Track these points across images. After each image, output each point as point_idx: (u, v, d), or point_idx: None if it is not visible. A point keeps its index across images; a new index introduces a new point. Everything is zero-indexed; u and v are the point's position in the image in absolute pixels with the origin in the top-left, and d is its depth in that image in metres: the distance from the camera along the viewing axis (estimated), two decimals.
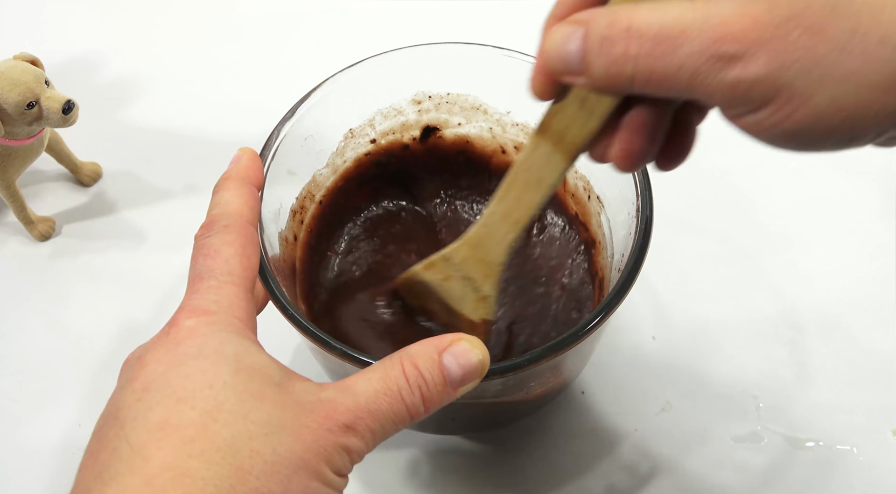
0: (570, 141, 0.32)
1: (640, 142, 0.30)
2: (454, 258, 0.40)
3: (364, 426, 0.30)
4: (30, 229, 0.62)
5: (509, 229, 0.37)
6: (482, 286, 0.40)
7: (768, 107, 0.25)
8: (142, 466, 0.27)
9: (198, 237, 0.35)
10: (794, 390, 0.52)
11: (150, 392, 0.29)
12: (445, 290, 0.41)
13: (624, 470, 0.49)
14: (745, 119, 0.26)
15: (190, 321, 0.31)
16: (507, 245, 0.38)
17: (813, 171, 0.63)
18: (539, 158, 0.34)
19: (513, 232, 0.37)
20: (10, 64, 0.55)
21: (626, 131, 0.30)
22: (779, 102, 0.25)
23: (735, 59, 0.25)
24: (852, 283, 0.57)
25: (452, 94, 0.51)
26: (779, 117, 0.25)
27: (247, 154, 0.39)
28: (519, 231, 0.37)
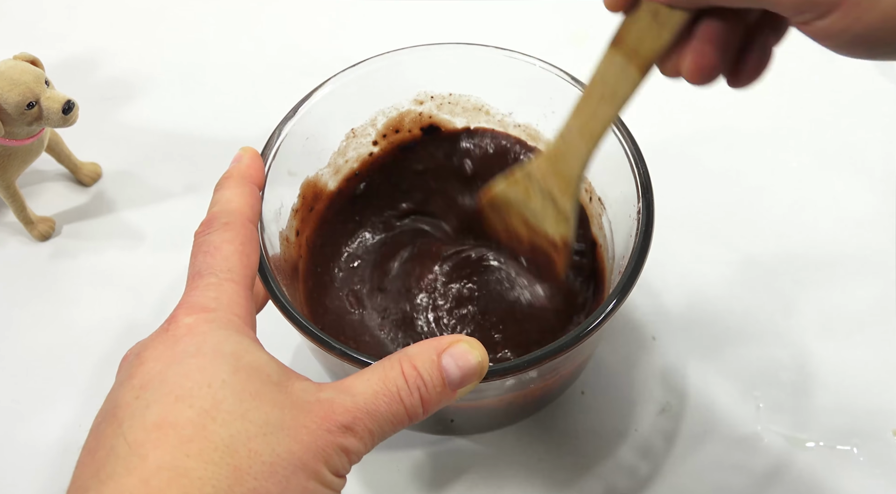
0: (643, 54, 0.33)
1: (713, 54, 0.31)
2: (535, 173, 0.41)
3: (363, 426, 0.30)
4: (30, 229, 0.61)
5: (585, 143, 0.38)
6: (561, 202, 0.40)
7: (836, 12, 0.26)
8: (139, 465, 0.27)
9: (197, 235, 0.35)
10: (794, 390, 0.52)
11: (147, 390, 0.29)
12: (528, 207, 0.42)
13: (624, 471, 0.49)
14: (815, 25, 0.27)
15: (189, 318, 0.31)
16: (584, 159, 0.38)
17: (814, 171, 0.63)
18: (613, 71, 0.35)
19: (588, 145, 0.38)
20: (10, 64, 0.55)
21: (698, 43, 0.31)
22: (847, 6, 0.26)
23: None
24: (853, 283, 0.57)
25: (455, 94, 0.51)
26: (848, 21, 0.26)
27: (248, 153, 0.39)
28: (594, 144, 0.37)
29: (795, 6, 0.26)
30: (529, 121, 0.51)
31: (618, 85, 0.35)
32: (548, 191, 0.40)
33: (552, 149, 0.40)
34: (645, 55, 0.33)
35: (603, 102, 0.36)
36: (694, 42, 0.31)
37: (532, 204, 0.41)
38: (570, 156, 0.39)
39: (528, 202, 0.41)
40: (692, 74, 0.31)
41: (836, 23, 0.26)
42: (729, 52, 0.31)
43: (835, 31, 0.26)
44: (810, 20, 0.27)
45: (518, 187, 0.42)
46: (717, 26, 0.30)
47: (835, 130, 0.66)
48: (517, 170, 0.42)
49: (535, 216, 0.41)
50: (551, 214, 0.41)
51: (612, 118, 0.36)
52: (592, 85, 0.36)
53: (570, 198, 0.40)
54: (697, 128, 0.66)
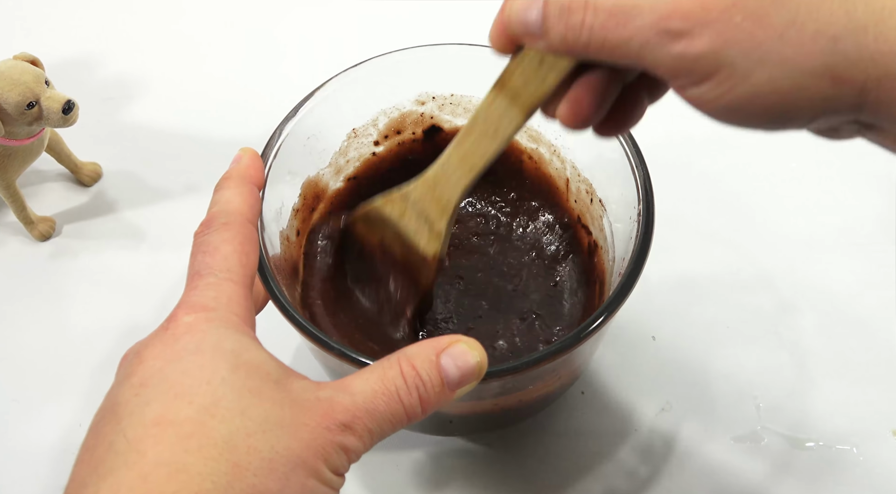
0: (527, 97, 0.34)
1: (590, 103, 0.32)
2: (411, 195, 0.42)
3: (362, 425, 0.30)
4: (30, 229, 0.61)
5: (464, 174, 0.39)
6: (436, 223, 0.42)
7: (710, 81, 0.27)
8: (138, 461, 0.27)
9: (197, 235, 0.35)
10: (794, 390, 0.52)
11: (147, 387, 0.29)
12: (402, 225, 0.43)
13: (624, 471, 0.49)
14: (689, 92, 0.28)
15: (188, 317, 0.31)
16: (462, 188, 0.40)
17: (814, 173, 0.63)
18: (497, 110, 0.36)
19: (467, 177, 0.39)
20: (10, 64, 0.55)
21: (577, 92, 0.32)
22: (720, 78, 0.27)
23: (681, 35, 0.27)
24: (852, 284, 0.57)
25: (456, 95, 0.51)
26: (719, 92, 0.27)
27: (248, 154, 0.40)
28: (473, 177, 0.39)
29: (672, 71, 0.28)
30: (531, 122, 0.51)
31: (500, 124, 0.36)
32: (424, 213, 0.42)
33: (431, 175, 0.41)
34: (529, 98, 0.34)
35: (485, 137, 0.37)
36: (572, 91, 0.32)
37: (405, 222, 0.43)
38: (448, 184, 0.40)
39: (402, 220, 0.43)
40: (568, 119, 0.33)
41: (709, 92, 0.28)
42: (605, 103, 0.32)
43: (707, 99, 0.28)
44: (685, 86, 0.28)
45: (393, 206, 0.43)
46: (597, 78, 0.32)
47: None
48: (394, 192, 0.43)
49: (407, 233, 0.43)
50: (425, 233, 0.42)
51: (493, 154, 0.37)
52: (474, 121, 0.37)
53: (446, 221, 0.41)
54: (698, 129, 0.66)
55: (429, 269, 0.43)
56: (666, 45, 0.27)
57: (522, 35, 0.32)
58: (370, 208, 0.44)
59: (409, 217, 0.43)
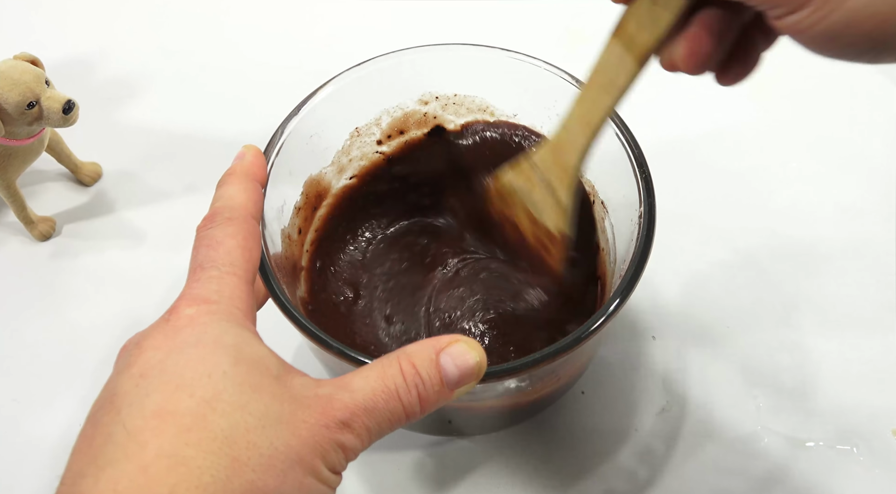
0: (641, 43, 0.34)
1: (708, 42, 0.32)
2: (538, 163, 0.41)
3: (360, 423, 0.30)
4: (30, 229, 0.61)
5: (582, 132, 0.38)
6: (559, 192, 0.41)
7: (807, 7, 0.27)
8: (138, 452, 0.27)
9: (200, 229, 0.35)
10: (794, 390, 0.52)
11: (147, 378, 0.29)
12: (531, 198, 0.42)
13: (624, 471, 0.49)
14: (786, 20, 0.28)
15: (190, 310, 0.31)
16: (582, 149, 0.39)
17: (814, 171, 0.63)
18: (612, 61, 0.35)
19: (586, 135, 0.38)
20: (10, 64, 0.55)
21: (694, 30, 0.32)
22: (816, 3, 0.27)
23: None
24: (853, 284, 0.57)
25: (459, 95, 0.51)
26: (816, 18, 0.27)
27: (251, 151, 0.40)
28: (592, 135, 0.38)
29: (769, 1, 0.28)
30: (534, 123, 0.51)
31: (617, 75, 0.36)
32: (549, 181, 0.41)
33: (554, 138, 0.40)
34: (643, 44, 0.34)
35: (602, 91, 0.37)
36: (690, 29, 0.32)
37: (534, 195, 0.42)
38: (570, 146, 0.39)
39: (531, 193, 0.42)
40: (686, 60, 0.33)
41: (805, 19, 0.28)
42: (723, 44, 0.32)
43: (803, 27, 0.28)
44: (782, 15, 0.28)
45: (523, 177, 0.42)
46: (713, 16, 0.32)
47: (835, 129, 0.66)
48: (523, 159, 0.42)
49: (535, 208, 0.42)
50: (550, 205, 0.41)
51: (610, 108, 0.37)
52: (594, 75, 0.37)
53: (568, 189, 0.40)
54: (698, 127, 0.66)
55: (557, 249, 0.42)
56: None
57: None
58: (503, 182, 0.43)
59: (537, 188, 0.41)
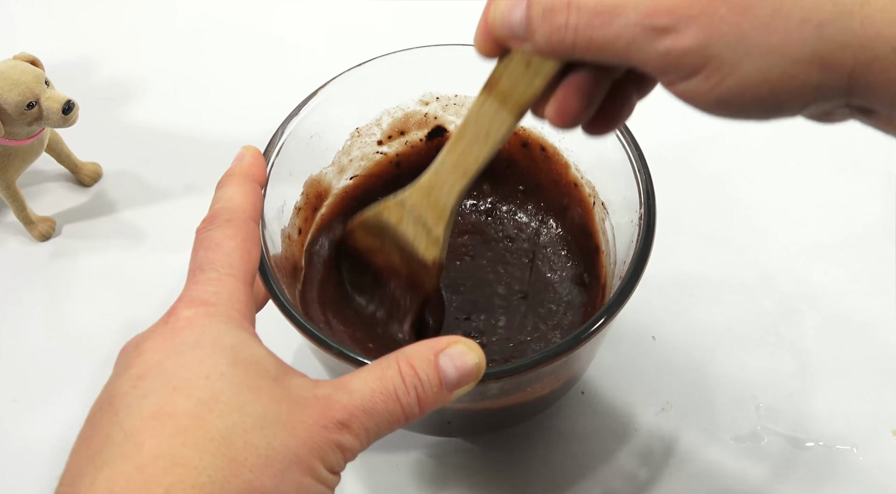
0: (516, 99, 0.34)
1: (578, 103, 0.32)
2: (407, 202, 0.42)
3: (359, 424, 0.30)
4: (30, 229, 0.61)
5: (458, 179, 0.39)
6: (434, 229, 0.42)
7: (699, 75, 0.27)
8: (135, 452, 0.27)
9: (199, 231, 0.35)
10: (794, 390, 0.52)
11: (145, 380, 0.29)
12: (400, 231, 0.43)
13: (624, 471, 0.49)
14: (679, 86, 0.28)
15: (189, 311, 0.31)
16: (458, 193, 0.40)
17: (816, 174, 0.63)
18: (487, 114, 0.36)
19: (461, 182, 0.39)
20: (10, 64, 0.55)
21: (564, 91, 0.32)
22: (708, 71, 0.27)
23: (667, 31, 0.27)
24: (853, 284, 0.57)
25: (460, 96, 0.51)
26: (709, 85, 0.27)
27: (250, 152, 0.40)
28: (467, 181, 0.39)
29: (660, 68, 0.28)
30: (535, 123, 0.51)
31: (491, 127, 0.36)
32: (421, 219, 0.42)
33: (425, 182, 0.41)
34: (518, 100, 0.34)
35: (476, 142, 0.37)
36: (559, 91, 0.32)
37: (403, 228, 0.43)
38: (444, 190, 0.40)
39: (400, 226, 0.43)
40: (557, 119, 0.33)
41: (699, 86, 0.28)
42: (594, 102, 0.32)
43: (697, 93, 0.28)
44: (675, 81, 0.28)
45: (391, 213, 0.43)
46: (585, 76, 0.32)
47: (834, 132, 0.66)
48: (389, 200, 0.43)
49: (406, 239, 0.43)
50: (423, 239, 0.42)
51: (485, 158, 0.37)
52: (465, 125, 0.37)
53: (444, 226, 0.41)
54: (698, 130, 0.66)
55: (430, 274, 0.43)
56: (652, 42, 0.27)
57: (507, 38, 0.32)
58: (367, 216, 0.44)
59: (407, 223, 0.43)
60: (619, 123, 0.35)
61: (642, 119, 0.47)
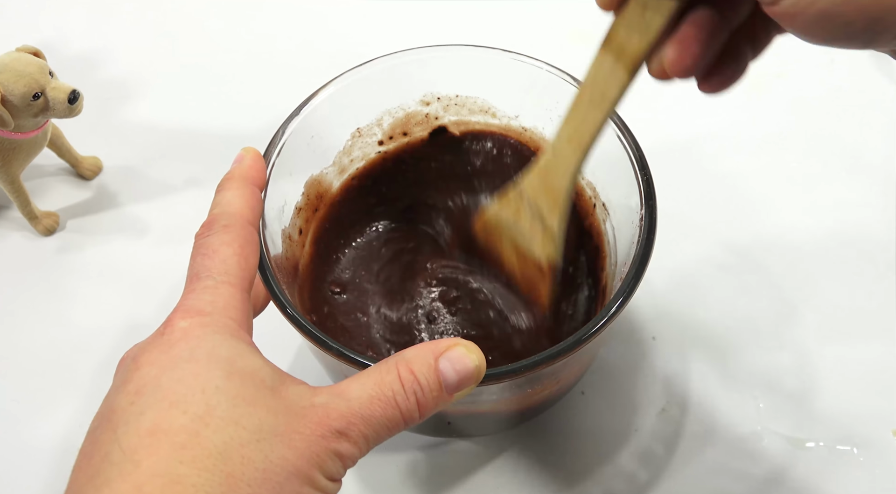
0: (631, 51, 0.33)
1: (696, 44, 0.31)
2: (527, 189, 0.40)
3: (357, 431, 0.30)
4: (34, 223, 0.61)
5: (574, 152, 0.37)
6: (549, 220, 0.39)
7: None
8: (133, 472, 0.27)
9: (197, 237, 0.35)
10: (794, 390, 0.52)
11: (142, 396, 0.29)
12: (517, 228, 0.41)
13: (623, 471, 0.49)
14: (781, 4, 0.27)
15: (184, 322, 0.31)
16: (573, 170, 0.37)
17: (815, 173, 0.63)
18: (603, 72, 0.34)
19: (576, 155, 0.37)
20: (14, 56, 0.55)
21: (684, 31, 0.31)
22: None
23: None
24: (853, 284, 0.57)
25: (461, 96, 0.51)
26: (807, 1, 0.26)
27: (250, 154, 0.39)
28: (582, 155, 0.37)
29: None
30: (536, 124, 0.51)
31: (607, 87, 0.34)
32: (537, 209, 0.40)
33: (543, 161, 0.39)
34: (633, 52, 0.33)
35: (592, 106, 0.35)
36: (680, 31, 0.31)
37: (521, 224, 0.40)
38: (559, 168, 0.38)
39: (518, 222, 0.40)
40: (676, 63, 0.32)
41: (798, 2, 0.27)
42: (712, 46, 0.32)
43: (798, 9, 0.27)
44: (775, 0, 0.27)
45: (510, 207, 0.41)
46: (703, 17, 0.31)
47: (835, 131, 0.66)
48: (510, 188, 0.41)
49: (523, 238, 0.41)
50: (539, 234, 0.40)
51: (601, 124, 0.36)
52: (583, 89, 0.36)
53: (558, 215, 0.39)
54: (699, 130, 0.66)
55: (545, 280, 0.41)
56: None
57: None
58: (489, 214, 0.42)
59: (524, 218, 0.40)
60: (734, 80, 0.33)
61: (642, 119, 0.47)
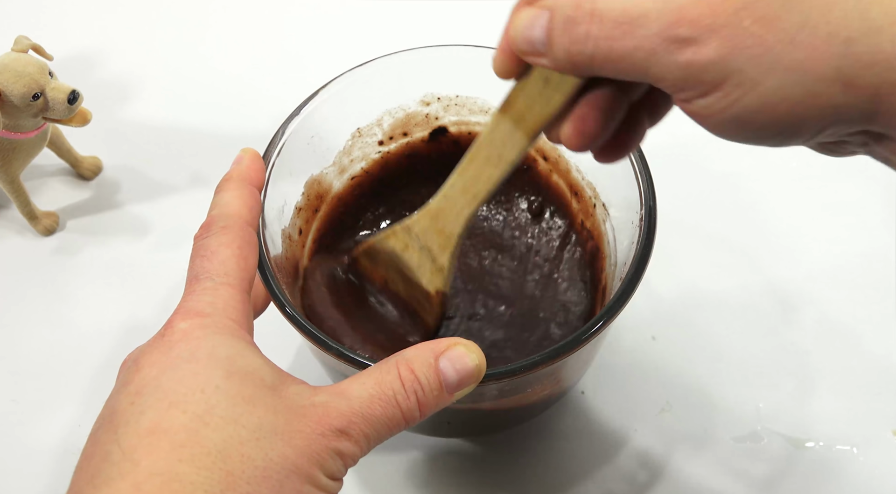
0: (532, 119, 0.34)
1: (595, 122, 0.31)
2: (414, 228, 0.41)
3: (358, 430, 0.30)
4: (34, 224, 0.61)
5: (467, 203, 0.38)
6: (439, 257, 0.41)
7: (718, 91, 0.27)
8: (132, 470, 0.27)
9: (196, 238, 0.35)
10: (794, 390, 0.52)
11: (142, 396, 0.29)
12: (405, 259, 0.42)
13: (623, 471, 0.49)
14: (696, 103, 0.27)
15: (184, 324, 0.31)
16: (465, 218, 0.39)
17: (818, 178, 0.62)
18: (501, 135, 0.35)
19: (470, 206, 0.38)
20: (13, 56, 0.55)
21: (583, 109, 0.31)
22: (728, 87, 0.26)
23: (689, 43, 0.26)
24: (853, 285, 0.57)
25: (461, 96, 0.51)
26: (727, 102, 0.27)
27: (248, 155, 0.39)
28: (476, 205, 0.38)
29: (679, 81, 0.27)
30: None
31: (504, 149, 0.35)
32: (426, 246, 0.41)
33: (434, 206, 0.40)
34: (534, 121, 0.33)
35: (489, 164, 0.36)
36: (578, 110, 0.32)
37: (408, 256, 0.42)
38: (451, 215, 0.39)
39: (405, 254, 0.42)
40: (571, 140, 0.32)
41: (716, 103, 0.27)
42: (611, 123, 0.32)
43: (714, 110, 0.27)
44: (691, 98, 0.27)
45: (396, 240, 0.42)
46: (602, 96, 0.31)
47: None
48: (397, 225, 0.42)
49: (409, 268, 0.42)
50: (427, 267, 0.41)
51: (497, 181, 0.37)
52: (478, 147, 0.36)
53: (449, 254, 0.40)
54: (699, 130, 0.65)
55: (432, 306, 0.42)
56: (673, 54, 0.26)
57: (527, 53, 0.31)
58: (373, 242, 0.44)
59: (412, 250, 0.42)
60: (630, 150, 0.34)
61: None
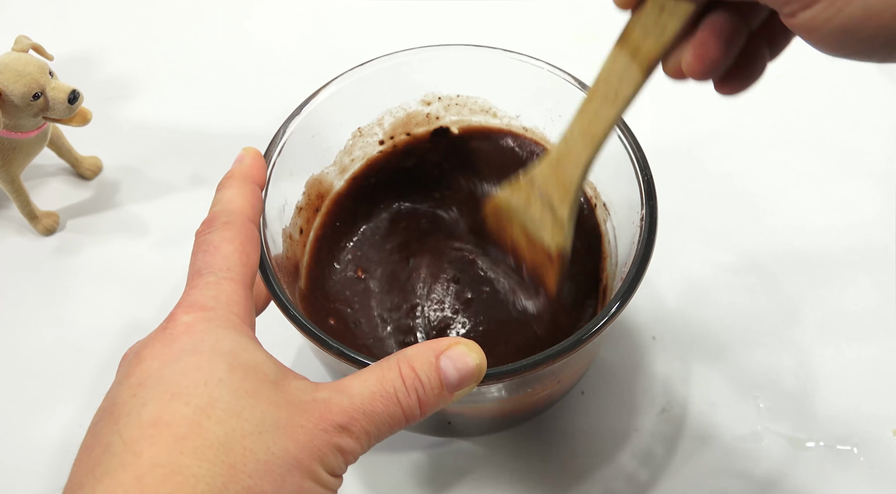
0: (647, 51, 0.33)
1: (715, 48, 0.31)
2: (537, 178, 0.40)
3: (359, 427, 0.30)
4: (34, 223, 0.61)
5: (585, 146, 0.37)
6: (559, 209, 0.40)
7: (820, 2, 0.26)
8: (133, 462, 0.27)
9: (198, 234, 0.35)
10: (794, 390, 0.52)
11: (144, 388, 0.29)
12: (528, 215, 0.41)
13: (624, 471, 0.49)
14: (800, 17, 0.27)
15: (187, 317, 0.31)
16: (584, 164, 0.38)
17: (815, 173, 0.63)
18: (617, 70, 0.34)
19: (588, 149, 0.37)
20: (14, 56, 0.55)
21: (702, 35, 0.31)
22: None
23: None
24: (854, 285, 0.57)
25: (462, 96, 0.51)
26: (831, 12, 0.26)
27: (250, 153, 0.39)
28: (594, 149, 0.37)
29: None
30: (536, 124, 0.51)
31: (621, 85, 0.34)
32: (548, 198, 0.40)
33: (554, 153, 0.39)
34: (648, 52, 0.33)
35: (605, 102, 0.35)
36: (698, 35, 0.31)
37: (531, 211, 0.41)
38: (571, 160, 0.38)
39: (528, 210, 0.41)
40: (693, 66, 0.32)
41: (819, 14, 0.26)
42: (731, 50, 0.32)
43: (817, 23, 0.27)
44: (795, 11, 0.27)
45: (520, 194, 0.41)
46: (721, 20, 0.31)
47: (836, 131, 0.66)
48: (521, 175, 0.41)
49: (533, 225, 0.41)
50: (549, 222, 0.40)
51: (613, 120, 0.36)
52: (596, 85, 0.36)
53: (569, 205, 0.39)
54: (700, 130, 0.66)
55: (553, 267, 0.41)
56: None
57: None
58: (498, 199, 0.42)
59: (534, 205, 0.40)
60: (752, 82, 0.33)
61: (643, 119, 0.47)
